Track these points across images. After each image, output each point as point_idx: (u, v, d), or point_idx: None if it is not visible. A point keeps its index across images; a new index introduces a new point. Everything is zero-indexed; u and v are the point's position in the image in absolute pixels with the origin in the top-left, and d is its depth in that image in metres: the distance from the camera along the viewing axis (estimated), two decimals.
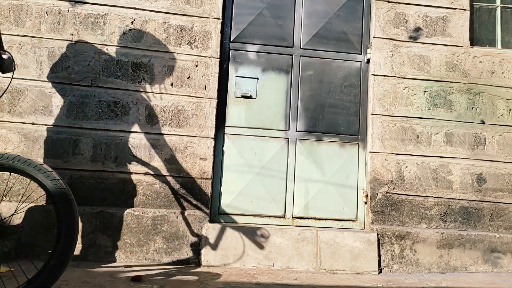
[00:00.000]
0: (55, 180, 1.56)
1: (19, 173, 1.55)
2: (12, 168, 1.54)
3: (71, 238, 1.52)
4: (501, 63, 2.89)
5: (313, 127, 2.80)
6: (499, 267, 2.64)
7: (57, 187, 1.55)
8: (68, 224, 1.52)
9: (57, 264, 1.50)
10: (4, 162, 1.53)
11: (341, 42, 2.88)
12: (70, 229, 1.52)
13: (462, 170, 2.78)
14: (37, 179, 1.55)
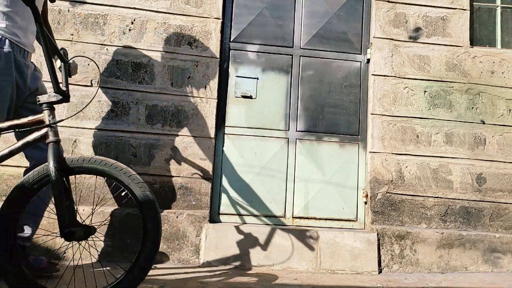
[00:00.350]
0: (140, 183, 1.61)
1: (106, 176, 1.61)
2: (100, 171, 1.59)
3: (156, 241, 1.59)
4: (501, 63, 2.89)
5: (313, 127, 2.80)
6: (499, 267, 2.64)
7: (142, 191, 1.60)
8: (153, 227, 1.59)
9: (144, 265, 1.56)
10: (92, 166, 1.59)
11: (341, 42, 2.88)
12: (155, 233, 1.59)
13: (462, 170, 2.78)
14: (123, 182, 1.61)
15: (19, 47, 1.84)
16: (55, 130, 1.57)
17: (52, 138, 1.56)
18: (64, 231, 1.50)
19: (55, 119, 1.59)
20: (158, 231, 1.60)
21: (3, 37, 1.78)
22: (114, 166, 1.60)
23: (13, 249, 1.50)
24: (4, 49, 1.77)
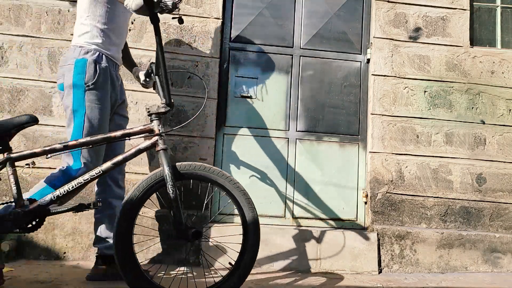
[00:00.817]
0: (242, 191, 1.74)
1: (212, 183, 1.73)
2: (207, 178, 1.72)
3: (257, 245, 1.71)
4: (501, 63, 2.89)
5: (313, 127, 2.80)
6: (499, 267, 2.64)
7: (246, 198, 1.74)
8: (254, 233, 1.71)
9: (246, 269, 1.69)
10: (200, 172, 1.71)
11: (341, 42, 2.88)
12: (256, 238, 1.72)
13: (462, 170, 2.78)
14: (227, 188, 1.73)
15: (113, 61, 1.98)
16: (164, 139, 1.71)
17: (162, 146, 1.69)
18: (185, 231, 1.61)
19: (163, 128, 1.72)
20: (258, 237, 1.72)
21: (100, 52, 1.91)
22: (221, 174, 1.73)
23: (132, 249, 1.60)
24: (102, 64, 1.91)
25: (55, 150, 1.65)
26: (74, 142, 1.67)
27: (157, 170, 1.68)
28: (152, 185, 1.65)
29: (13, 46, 2.54)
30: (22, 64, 2.54)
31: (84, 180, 1.67)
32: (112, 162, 1.68)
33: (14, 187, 1.61)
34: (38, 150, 1.64)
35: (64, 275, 2.05)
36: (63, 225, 2.40)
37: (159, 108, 1.72)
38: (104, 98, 1.91)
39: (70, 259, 2.38)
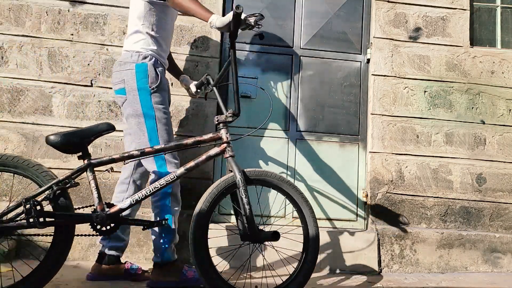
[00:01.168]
0: (304, 197, 1.84)
1: (274, 188, 1.83)
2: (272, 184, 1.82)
3: (316, 250, 1.81)
4: (501, 63, 2.89)
5: (313, 127, 2.80)
6: (499, 267, 2.64)
7: (306, 203, 1.83)
8: (314, 237, 1.80)
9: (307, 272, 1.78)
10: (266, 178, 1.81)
11: (341, 42, 2.88)
12: (316, 242, 1.80)
13: (462, 170, 2.78)
14: (290, 195, 1.83)
15: (163, 67, 2.05)
16: (231, 146, 1.81)
17: (230, 153, 1.79)
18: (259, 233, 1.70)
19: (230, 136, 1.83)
20: (318, 241, 1.80)
21: (156, 58, 1.98)
22: (284, 180, 1.83)
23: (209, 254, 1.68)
24: (159, 68, 1.98)
25: (133, 157, 1.73)
26: (150, 149, 1.74)
27: (227, 176, 1.76)
28: (223, 191, 1.74)
29: (13, 46, 2.54)
30: (22, 64, 2.54)
31: (160, 185, 1.73)
32: (185, 168, 1.76)
33: (95, 191, 1.67)
34: (116, 156, 1.72)
35: (64, 275, 2.05)
36: None
37: (227, 117, 1.83)
38: (166, 101, 2.00)
39: (70, 259, 2.38)
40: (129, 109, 1.93)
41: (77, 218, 1.64)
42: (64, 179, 1.63)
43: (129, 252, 2.42)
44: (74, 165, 2.51)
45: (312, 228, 1.82)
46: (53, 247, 1.61)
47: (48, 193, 1.58)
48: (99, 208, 1.67)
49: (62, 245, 1.62)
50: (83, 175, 1.72)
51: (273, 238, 1.69)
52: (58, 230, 1.62)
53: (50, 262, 1.60)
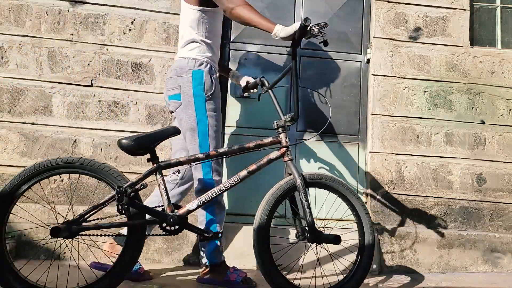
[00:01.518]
0: (362, 201, 1.91)
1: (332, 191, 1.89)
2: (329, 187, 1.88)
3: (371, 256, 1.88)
4: (501, 63, 2.89)
5: (313, 127, 2.80)
6: (499, 267, 2.63)
7: (363, 208, 1.91)
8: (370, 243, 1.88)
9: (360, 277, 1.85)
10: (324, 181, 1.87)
11: (341, 42, 2.88)
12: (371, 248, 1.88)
13: (462, 170, 2.78)
14: (347, 198, 1.89)
15: (217, 73, 2.10)
16: (290, 150, 1.88)
17: (290, 157, 1.86)
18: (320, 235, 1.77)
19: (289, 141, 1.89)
20: (373, 246, 1.88)
21: (210, 64, 2.02)
22: (343, 184, 1.89)
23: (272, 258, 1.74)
24: (214, 75, 2.02)
25: (198, 159, 1.78)
26: (214, 152, 1.79)
27: (287, 179, 1.83)
28: (283, 194, 1.81)
29: (13, 46, 2.54)
30: (22, 64, 2.54)
31: (225, 187, 1.79)
32: (247, 171, 1.82)
33: (164, 193, 1.71)
34: (183, 159, 1.76)
35: (65, 275, 2.05)
36: None
37: (285, 122, 1.86)
38: (219, 108, 2.03)
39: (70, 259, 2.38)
40: (183, 114, 1.97)
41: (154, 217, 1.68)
42: (137, 181, 1.67)
43: None
44: None
45: (369, 233, 1.89)
46: (127, 248, 1.65)
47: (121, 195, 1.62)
48: (168, 209, 1.71)
49: (135, 246, 1.65)
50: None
51: (335, 241, 1.74)
52: (131, 231, 1.66)
53: (123, 263, 1.63)
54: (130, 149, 1.65)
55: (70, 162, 1.63)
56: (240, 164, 2.58)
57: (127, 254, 1.64)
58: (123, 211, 1.61)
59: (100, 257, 2.16)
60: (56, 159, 1.62)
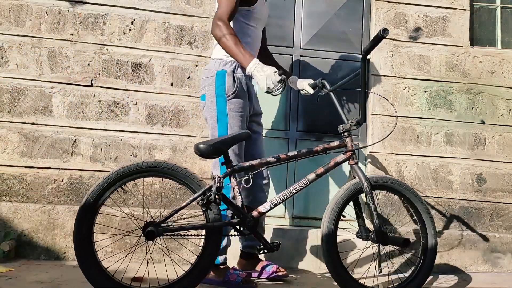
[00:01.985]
0: (424, 204, 1.95)
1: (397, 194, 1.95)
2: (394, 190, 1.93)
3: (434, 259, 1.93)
4: (501, 63, 2.89)
5: (313, 127, 2.80)
6: (499, 267, 2.64)
7: (428, 212, 1.94)
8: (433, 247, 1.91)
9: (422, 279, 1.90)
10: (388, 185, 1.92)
11: (341, 42, 2.88)
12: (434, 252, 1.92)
13: (462, 170, 2.78)
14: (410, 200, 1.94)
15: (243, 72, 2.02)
16: (356, 154, 1.92)
17: (355, 160, 1.92)
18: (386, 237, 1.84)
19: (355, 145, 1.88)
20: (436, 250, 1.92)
21: (236, 64, 2.00)
22: (406, 186, 1.94)
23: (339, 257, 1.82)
24: (239, 74, 2.01)
25: (270, 163, 1.82)
26: (284, 156, 1.84)
27: (352, 182, 1.87)
28: (350, 197, 1.86)
29: (13, 46, 2.54)
30: (22, 64, 2.54)
31: (295, 190, 1.84)
32: (316, 174, 1.87)
33: (239, 195, 1.76)
34: (255, 162, 1.81)
35: (64, 275, 2.05)
36: (63, 225, 2.40)
37: (351, 126, 1.93)
38: (243, 107, 2.00)
39: (70, 259, 2.38)
40: (206, 114, 2.01)
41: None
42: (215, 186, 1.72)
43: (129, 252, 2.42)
44: (73, 165, 2.51)
45: (432, 237, 1.92)
46: (205, 249, 1.70)
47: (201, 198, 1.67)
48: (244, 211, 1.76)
49: (213, 248, 1.70)
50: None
51: (404, 244, 1.80)
52: (211, 233, 1.71)
53: (202, 264, 1.69)
54: (207, 154, 1.69)
55: (154, 167, 1.71)
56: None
57: (206, 255, 1.69)
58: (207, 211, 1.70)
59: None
60: (143, 163, 1.70)
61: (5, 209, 2.37)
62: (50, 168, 2.50)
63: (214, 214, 1.71)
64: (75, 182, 2.51)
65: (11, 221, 2.37)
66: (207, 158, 1.75)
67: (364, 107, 1.89)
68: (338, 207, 1.82)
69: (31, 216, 2.38)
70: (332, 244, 1.78)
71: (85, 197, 1.65)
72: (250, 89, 2.10)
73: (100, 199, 1.67)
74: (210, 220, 1.71)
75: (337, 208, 1.82)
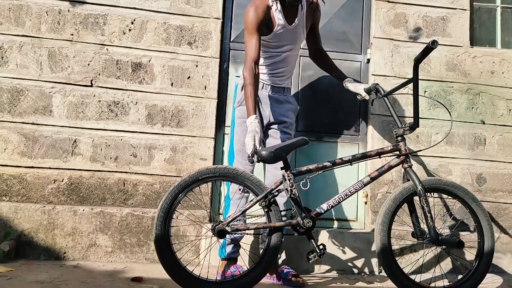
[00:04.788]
0: (481, 206, 2.00)
1: (452, 196, 2.01)
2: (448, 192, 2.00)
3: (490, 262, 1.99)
4: (501, 63, 2.89)
5: (313, 127, 2.80)
6: (499, 267, 2.63)
7: (485, 214, 1.99)
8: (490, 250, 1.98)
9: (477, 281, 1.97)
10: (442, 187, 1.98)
11: (341, 42, 2.88)
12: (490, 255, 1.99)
13: (462, 170, 2.78)
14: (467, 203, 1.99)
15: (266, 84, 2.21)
16: (409, 158, 2.00)
17: (409, 164, 1.98)
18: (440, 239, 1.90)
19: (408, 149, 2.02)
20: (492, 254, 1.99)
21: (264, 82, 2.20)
22: (462, 189, 1.99)
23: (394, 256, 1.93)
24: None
25: (326, 167, 1.93)
26: (339, 160, 1.95)
27: (406, 185, 1.95)
28: (404, 198, 1.94)
29: (13, 46, 2.54)
30: (22, 64, 2.54)
31: (350, 192, 1.95)
32: (370, 177, 1.98)
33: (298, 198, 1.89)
34: (312, 166, 1.93)
35: (64, 275, 2.05)
36: (63, 225, 2.40)
37: (404, 131, 1.99)
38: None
39: (70, 259, 2.38)
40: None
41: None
42: (274, 188, 1.88)
43: (130, 252, 2.42)
44: (73, 165, 2.51)
45: (489, 241, 1.98)
46: (268, 247, 1.85)
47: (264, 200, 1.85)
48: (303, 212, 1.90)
49: (275, 246, 1.84)
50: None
51: (458, 246, 1.87)
52: (272, 232, 1.86)
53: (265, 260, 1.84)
54: (268, 159, 1.83)
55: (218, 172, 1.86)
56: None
57: (268, 253, 1.84)
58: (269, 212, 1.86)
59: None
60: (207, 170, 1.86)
61: (5, 209, 2.37)
62: (50, 168, 2.50)
63: (275, 214, 1.86)
64: (75, 182, 2.51)
65: (11, 221, 2.37)
66: (268, 163, 1.90)
67: (417, 112, 1.96)
68: (391, 210, 1.91)
69: (31, 216, 2.38)
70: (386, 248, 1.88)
71: (160, 203, 1.81)
72: (264, 99, 2.20)
73: (172, 206, 1.83)
74: (271, 220, 1.86)
75: (390, 211, 1.90)
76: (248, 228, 1.84)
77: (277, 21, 2.10)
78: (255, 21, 2.02)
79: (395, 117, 2.06)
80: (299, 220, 1.87)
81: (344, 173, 2.77)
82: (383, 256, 1.89)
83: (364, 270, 2.50)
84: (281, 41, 2.15)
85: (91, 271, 2.18)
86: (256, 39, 2.02)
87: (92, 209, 2.43)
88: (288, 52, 2.20)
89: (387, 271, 1.90)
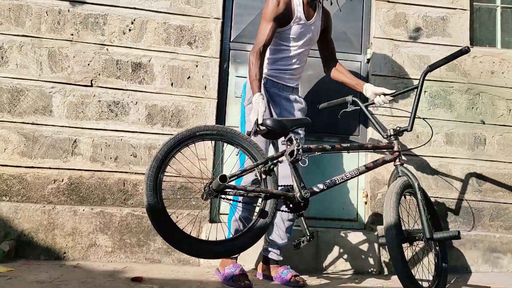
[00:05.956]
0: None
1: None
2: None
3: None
4: (501, 63, 2.89)
5: (313, 127, 2.79)
6: (499, 267, 2.63)
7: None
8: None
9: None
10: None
11: (341, 42, 2.87)
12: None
13: (462, 170, 2.78)
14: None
15: (275, 82, 2.22)
16: (402, 155, 2.08)
17: (401, 161, 2.07)
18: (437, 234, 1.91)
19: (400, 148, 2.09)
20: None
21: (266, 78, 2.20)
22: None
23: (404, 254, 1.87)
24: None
25: (325, 149, 1.99)
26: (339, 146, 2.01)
27: (401, 181, 1.98)
28: (403, 189, 1.97)
29: (13, 46, 2.54)
30: (22, 64, 2.54)
31: (346, 177, 2.01)
32: (366, 167, 2.05)
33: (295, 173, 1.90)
34: (312, 146, 1.97)
35: (64, 275, 2.05)
36: (63, 225, 2.40)
37: (399, 131, 2.10)
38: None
39: (70, 259, 2.38)
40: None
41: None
42: (276, 157, 1.88)
43: (130, 252, 2.42)
44: (73, 165, 2.51)
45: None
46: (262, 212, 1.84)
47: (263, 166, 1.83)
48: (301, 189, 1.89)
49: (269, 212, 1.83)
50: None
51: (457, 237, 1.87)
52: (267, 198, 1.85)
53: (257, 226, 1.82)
54: (273, 126, 1.85)
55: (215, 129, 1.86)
56: None
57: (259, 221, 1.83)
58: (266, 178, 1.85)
59: None
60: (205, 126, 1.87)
61: (5, 209, 2.37)
62: (50, 168, 2.50)
63: (272, 182, 1.86)
64: (75, 182, 2.51)
65: (11, 221, 2.37)
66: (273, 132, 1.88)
67: (413, 118, 2.05)
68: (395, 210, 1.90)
69: (31, 216, 2.38)
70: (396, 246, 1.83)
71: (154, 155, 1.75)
72: (274, 97, 2.21)
73: (167, 158, 1.79)
74: (268, 187, 1.85)
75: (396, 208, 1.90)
76: (246, 189, 1.82)
77: (296, 13, 2.15)
78: (274, 10, 2.08)
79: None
80: (295, 193, 1.86)
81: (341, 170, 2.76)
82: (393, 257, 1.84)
83: (364, 270, 2.50)
84: (296, 34, 2.19)
85: (91, 271, 2.18)
86: (270, 26, 2.07)
87: (92, 209, 2.43)
88: (301, 49, 2.23)
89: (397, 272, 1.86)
